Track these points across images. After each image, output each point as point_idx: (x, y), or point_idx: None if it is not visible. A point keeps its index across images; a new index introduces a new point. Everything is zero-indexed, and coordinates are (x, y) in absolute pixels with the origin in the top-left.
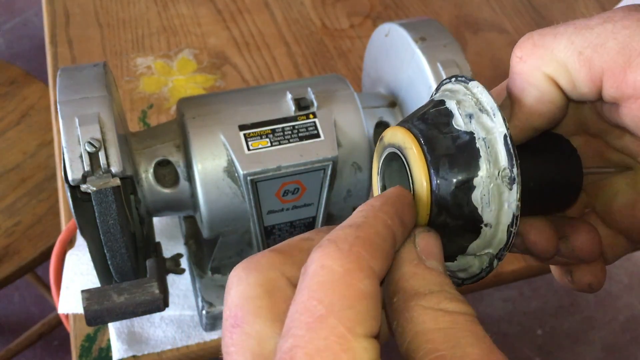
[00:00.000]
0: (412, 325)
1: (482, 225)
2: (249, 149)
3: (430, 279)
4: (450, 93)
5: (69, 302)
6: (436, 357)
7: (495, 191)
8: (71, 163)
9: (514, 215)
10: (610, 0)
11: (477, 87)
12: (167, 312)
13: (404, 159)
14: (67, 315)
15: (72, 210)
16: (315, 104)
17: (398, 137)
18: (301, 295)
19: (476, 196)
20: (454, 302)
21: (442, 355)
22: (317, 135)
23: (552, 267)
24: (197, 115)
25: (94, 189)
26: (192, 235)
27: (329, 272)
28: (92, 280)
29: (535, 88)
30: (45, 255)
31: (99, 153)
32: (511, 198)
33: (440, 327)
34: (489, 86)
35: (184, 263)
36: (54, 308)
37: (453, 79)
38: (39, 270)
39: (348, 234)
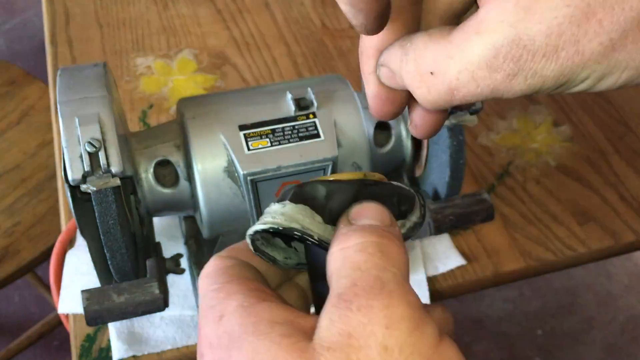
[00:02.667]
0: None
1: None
2: (249, 149)
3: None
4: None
5: (69, 302)
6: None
7: None
8: (71, 163)
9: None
10: None
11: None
12: (167, 312)
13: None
14: (67, 315)
15: (72, 210)
16: (315, 104)
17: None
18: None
19: None
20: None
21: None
22: (317, 135)
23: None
24: (197, 115)
25: (94, 189)
26: (192, 235)
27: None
28: (92, 280)
29: None
30: (45, 255)
31: (99, 153)
32: None
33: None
34: None
35: (184, 263)
36: (54, 308)
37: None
38: (39, 270)
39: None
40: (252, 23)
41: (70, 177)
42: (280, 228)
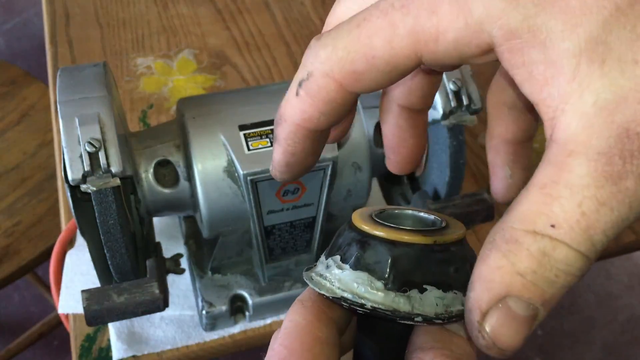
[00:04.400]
0: None
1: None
2: (249, 149)
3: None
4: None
5: (69, 302)
6: None
7: None
8: (71, 163)
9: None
10: None
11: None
12: (167, 312)
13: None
14: (67, 315)
15: (72, 210)
16: None
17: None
18: (272, 344)
19: None
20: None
21: None
22: None
23: None
24: (197, 115)
25: (94, 189)
26: (192, 235)
27: (294, 324)
28: (92, 280)
29: None
30: (45, 255)
31: (99, 153)
32: None
33: None
34: (489, 86)
35: (184, 263)
36: (54, 308)
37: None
38: (39, 270)
39: (312, 292)
40: (252, 23)
41: (70, 177)
42: (330, 297)
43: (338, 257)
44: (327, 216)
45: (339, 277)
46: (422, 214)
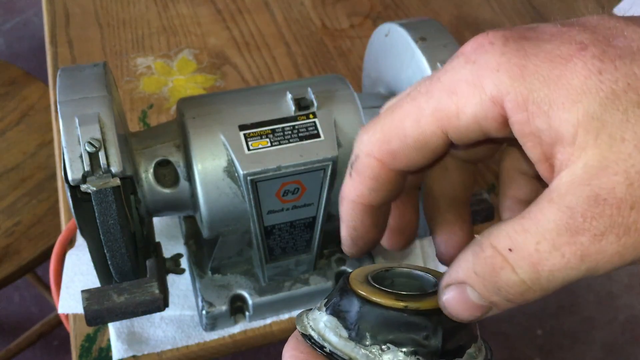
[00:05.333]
0: None
1: None
2: (249, 149)
3: None
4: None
5: (69, 302)
6: None
7: None
8: (71, 163)
9: None
10: (610, 0)
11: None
12: (167, 312)
13: None
14: (67, 315)
15: (72, 210)
16: (315, 104)
17: None
18: None
19: None
20: None
21: None
22: (317, 135)
23: None
24: (197, 115)
25: (94, 189)
26: (192, 235)
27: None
28: (92, 280)
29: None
30: (45, 255)
31: (99, 153)
32: None
33: None
34: None
35: (184, 263)
36: (54, 308)
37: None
38: (39, 270)
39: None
40: (252, 23)
41: (70, 177)
42: (301, 333)
43: (325, 301)
44: (327, 216)
45: (314, 317)
46: (428, 276)
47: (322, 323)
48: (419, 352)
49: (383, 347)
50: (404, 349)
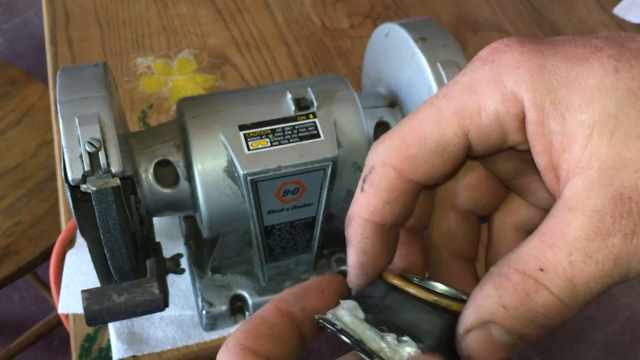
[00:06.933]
0: None
1: None
2: (249, 149)
3: None
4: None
5: (69, 302)
6: None
7: None
8: (71, 163)
9: None
10: (610, 1)
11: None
12: (167, 312)
13: None
14: (67, 315)
15: (72, 210)
16: (315, 104)
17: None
18: None
19: None
20: None
21: None
22: (317, 135)
23: None
24: (197, 115)
25: (94, 189)
26: (192, 235)
27: None
28: (92, 280)
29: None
30: (45, 255)
31: (99, 153)
32: None
33: None
34: None
35: (184, 263)
36: (54, 308)
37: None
38: (39, 270)
39: (238, 330)
40: (252, 23)
41: (70, 177)
42: (316, 317)
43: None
44: (327, 216)
45: (338, 306)
46: (463, 296)
47: (342, 308)
48: (437, 349)
49: (401, 337)
50: (420, 345)
